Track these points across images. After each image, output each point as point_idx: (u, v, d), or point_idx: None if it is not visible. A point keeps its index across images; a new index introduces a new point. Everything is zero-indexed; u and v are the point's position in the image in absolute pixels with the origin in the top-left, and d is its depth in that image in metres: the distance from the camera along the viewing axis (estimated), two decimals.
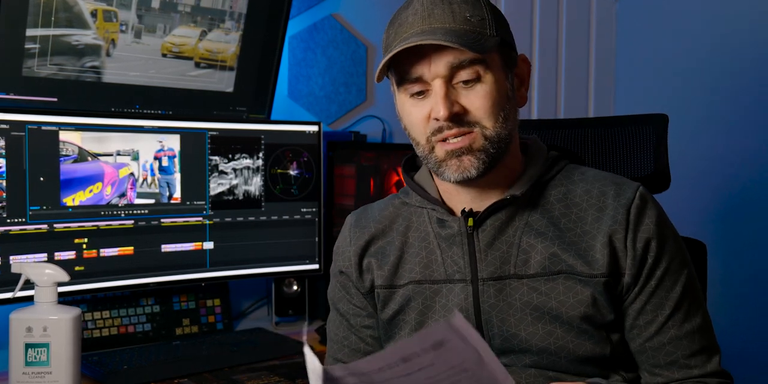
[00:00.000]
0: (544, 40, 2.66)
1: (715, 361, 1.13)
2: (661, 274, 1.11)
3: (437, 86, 1.08)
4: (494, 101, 1.09)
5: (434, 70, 1.08)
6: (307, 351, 0.84)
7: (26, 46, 1.69)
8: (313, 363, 0.83)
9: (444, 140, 1.10)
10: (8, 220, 1.59)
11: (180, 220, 1.83)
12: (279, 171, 1.97)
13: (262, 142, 1.94)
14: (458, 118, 1.09)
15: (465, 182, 1.13)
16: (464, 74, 1.08)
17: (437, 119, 1.09)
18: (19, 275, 1.40)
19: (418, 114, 1.11)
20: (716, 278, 1.54)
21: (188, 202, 1.84)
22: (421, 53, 1.08)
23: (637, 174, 1.41)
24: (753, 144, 2.26)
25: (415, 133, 1.13)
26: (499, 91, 1.10)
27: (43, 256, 1.63)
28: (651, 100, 2.55)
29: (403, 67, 1.10)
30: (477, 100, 1.09)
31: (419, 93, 1.11)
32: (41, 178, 1.62)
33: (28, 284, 1.39)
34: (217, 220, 1.88)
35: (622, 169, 1.43)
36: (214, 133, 1.87)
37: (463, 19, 1.09)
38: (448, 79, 1.09)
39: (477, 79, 1.09)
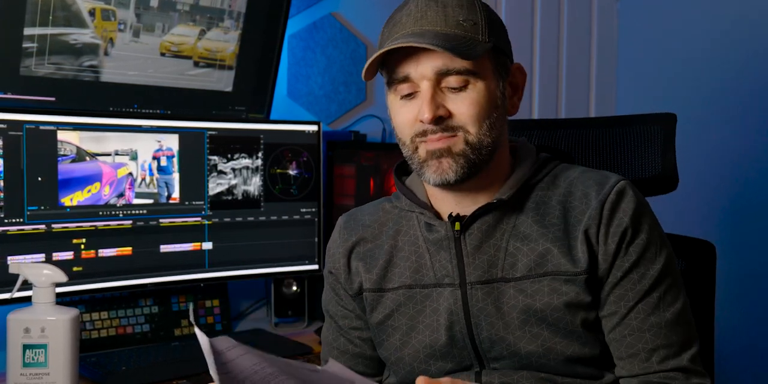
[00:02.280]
0: (545, 40, 2.65)
1: (685, 357, 1.11)
2: (628, 267, 1.11)
3: (425, 88, 1.10)
4: (481, 108, 1.10)
5: (421, 72, 1.09)
6: (198, 330, 0.88)
7: (24, 45, 1.68)
8: (201, 337, 0.86)
9: (428, 142, 1.11)
10: (6, 221, 1.58)
11: (179, 221, 1.82)
12: (278, 171, 1.96)
13: (262, 141, 1.93)
14: (443, 121, 1.10)
15: (447, 186, 1.14)
16: (451, 80, 1.09)
17: (422, 121, 1.10)
18: (16, 276, 1.39)
19: (406, 114, 1.13)
20: (726, 280, 1.53)
21: (187, 202, 1.83)
22: (411, 55, 1.10)
23: (644, 175, 1.40)
24: (758, 143, 2.25)
25: (402, 133, 1.15)
26: (488, 98, 1.11)
27: (41, 256, 1.62)
28: (652, 99, 2.55)
29: (392, 67, 1.12)
30: (463, 105, 1.10)
31: (408, 94, 1.12)
32: (39, 178, 1.61)
33: (26, 285, 1.38)
34: (216, 220, 1.87)
35: (628, 170, 1.41)
36: (213, 132, 1.86)
37: (455, 23, 1.09)
38: (436, 82, 1.10)
39: (465, 86, 1.10)
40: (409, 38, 1.08)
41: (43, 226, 1.63)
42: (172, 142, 1.80)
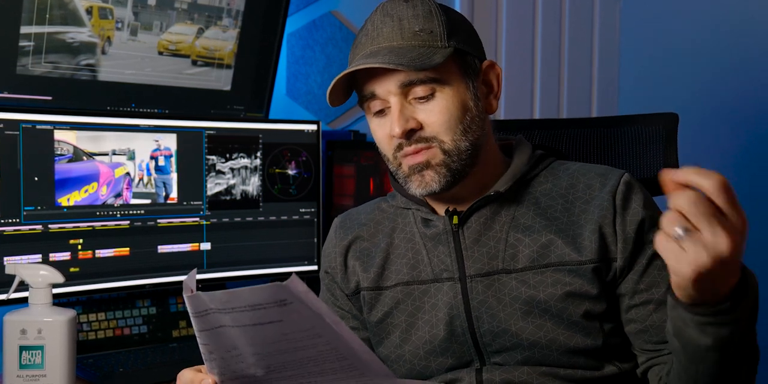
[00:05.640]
0: (547, 39, 2.65)
1: None
2: (651, 253, 1.12)
3: (393, 103, 1.11)
4: (451, 115, 1.10)
5: (386, 88, 1.11)
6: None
7: (20, 44, 1.66)
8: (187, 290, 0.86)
9: (407, 156, 1.13)
10: (2, 221, 1.56)
11: (177, 221, 1.81)
12: (277, 171, 1.95)
13: (260, 141, 1.92)
14: (414, 133, 1.11)
15: (435, 195, 1.15)
16: (418, 91, 1.10)
17: (394, 136, 1.11)
18: (13, 276, 1.38)
19: (382, 131, 1.15)
20: None
21: (185, 203, 1.82)
22: (372, 74, 1.11)
23: (646, 175, 1.40)
24: (760, 143, 2.24)
25: (383, 149, 1.17)
26: (457, 103, 1.11)
27: (38, 257, 1.61)
28: (655, 98, 2.54)
29: (360, 88, 1.14)
30: (432, 115, 1.10)
31: (380, 111, 1.13)
32: (35, 178, 1.60)
33: (23, 286, 1.38)
34: (215, 220, 1.86)
35: (630, 169, 1.41)
36: (212, 132, 1.85)
37: (411, 34, 1.10)
38: (404, 95, 1.10)
39: (431, 95, 1.10)
40: (366, 59, 1.09)
41: (39, 227, 1.61)
42: (170, 141, 1.79)
